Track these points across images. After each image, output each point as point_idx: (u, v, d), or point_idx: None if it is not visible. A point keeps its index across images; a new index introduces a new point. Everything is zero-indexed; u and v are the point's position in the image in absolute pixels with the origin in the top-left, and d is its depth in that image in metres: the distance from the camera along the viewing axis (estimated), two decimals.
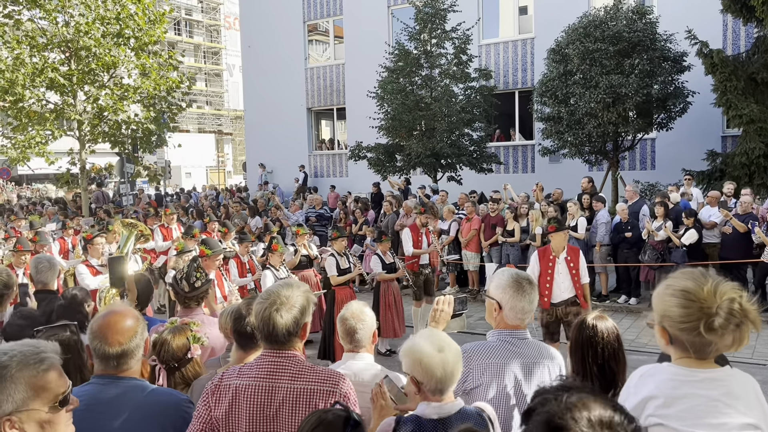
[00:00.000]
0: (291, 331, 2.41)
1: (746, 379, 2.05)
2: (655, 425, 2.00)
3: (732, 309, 1.88)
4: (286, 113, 23.29)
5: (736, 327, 1.89)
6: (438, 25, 15.96)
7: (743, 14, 12.52)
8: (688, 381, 2.00)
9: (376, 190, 16.81)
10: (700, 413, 1.96)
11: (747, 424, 1.95)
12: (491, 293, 2.84)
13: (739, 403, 1.96)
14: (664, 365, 2.10)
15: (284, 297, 2.43)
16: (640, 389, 2.09)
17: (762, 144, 11.57)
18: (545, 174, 17.03)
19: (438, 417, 2.36)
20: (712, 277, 1.96)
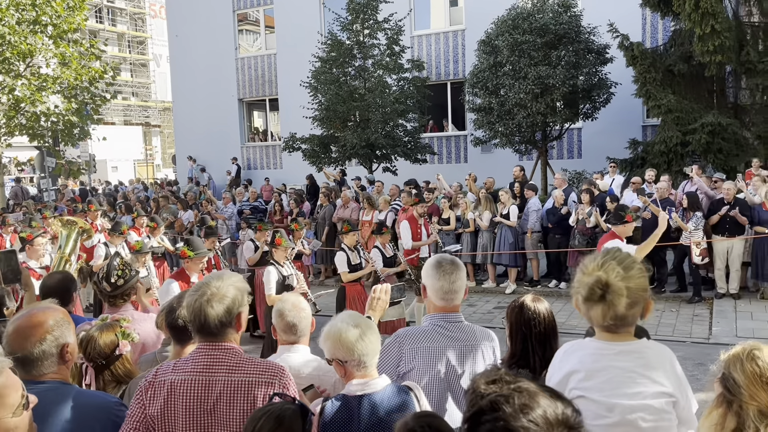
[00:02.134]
0: (223, 322, 2.37)
1: (662, 351, 2.17)
2: (578, 398, 2.09)
3: (590, 284, 2.03)
4: (217, 104, 22.75)
5: (600, 299, 2.01)
6: (370, 16, 15.95)
7: (661, 8, 13.14)
8: (606, 354, 2.12)
9: (311, 182, 16.69)
10: (618, 384, 2.07)
11: (661, 392, 2.07)
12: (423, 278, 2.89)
13: (654, 373, 2.08)
14: (585, 341, 2.21)
15: (215, 288, 2.39)
16: (564, 365, 2.19)
17: (679, 133, 12.18)
18: (478, 164, 17.36)
19: (363, 393, 2.39)
20: (614, 256, 2.08)
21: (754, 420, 1.89)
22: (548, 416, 1.22)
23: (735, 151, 12.03)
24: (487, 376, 1.32)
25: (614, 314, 2.04)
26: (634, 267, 2.08)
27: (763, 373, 1.91)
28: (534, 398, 1.25)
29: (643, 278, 2.08)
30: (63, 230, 5.95)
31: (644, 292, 2.08)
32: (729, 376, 1.97)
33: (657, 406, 2.06)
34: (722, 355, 2.05)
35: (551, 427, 1.21)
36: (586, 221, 10.13)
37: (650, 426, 2.06)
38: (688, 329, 8.44)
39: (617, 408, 2.06)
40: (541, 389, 1.29)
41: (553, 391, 1.30)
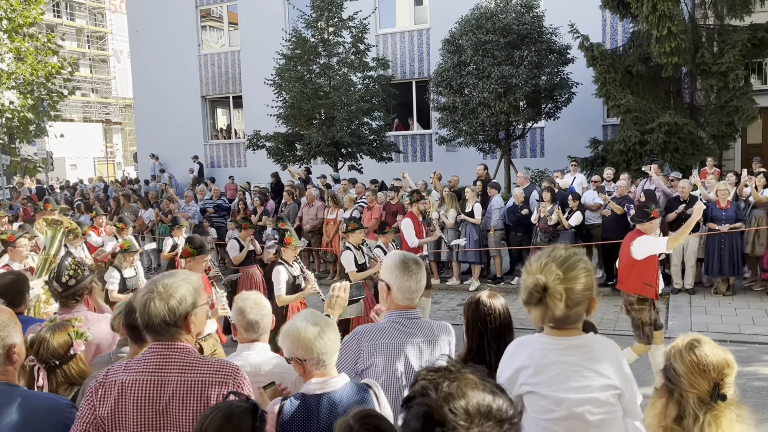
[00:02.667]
0: (167, 322, 2.33)
1: (608, 345, 2.23)
2: (527, 393, 2.14)
3: (529, 287, 2.08)
4: (179, 101, 22.39)
5: (538, 302, 2.06)
6: (335, 13, 15.91)
7: (620, 10, 13.40)
8: (554, 349, 2.16)
9: (276, 180, 16.57)
10: (565, 378, 2.12)
11: (607, 385, 2.13)
12: (381, 276, 2.89)
13: (601, 367, 2.14)
14: (535, 336, 2.25)
15: (162, 286, 2.35)
16: (514, 360, 2.23)
17: (638, 132, 12.45)
18: (443, 162, 17.46)
19: (322, 392, 2.39)
20: (555, 257, 2.11)
21: (694, 407, 1.96)
22: (469, 407, 1.23)
23: (691, 151, 12.34)
24: (436, 365, 1.34)
25: (552, 316, 2.08)
26: (577, 267, 2.10)
27: (700, 361, 1.97)
28: (463, 389, 1.26)
29: (586, 278, 2.11)
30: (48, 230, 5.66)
31: (588, 292, 2.11)
32: (670, 367, 2.03)
33: (603, 399, 2.11)
34: (664, 348, 2.12)
35: (470, 417, 1.22)
36: (548, 219, 10.29)
37: (597, 419, 2.11)
38: None
39: (565, 402, 2.11)
40: (479, 382, 1.29)
41: (491, 385, 1.30)
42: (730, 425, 1.94)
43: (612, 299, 9.95)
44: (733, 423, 1.95)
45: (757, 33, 12.47)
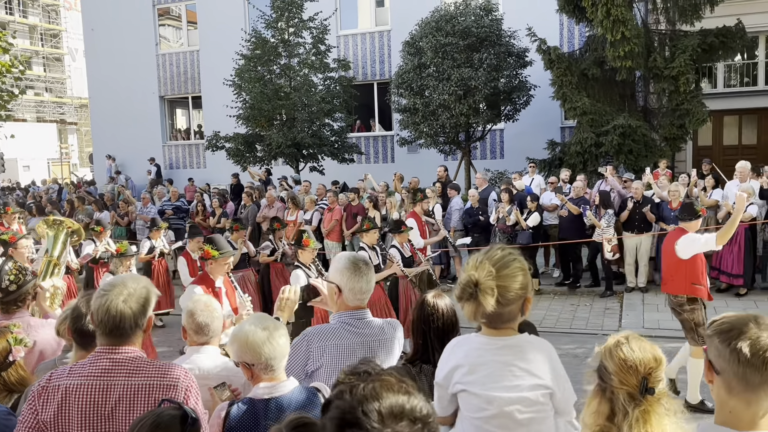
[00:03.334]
0: (138, 324, 2.36)
1: (542, 345, 2.27)
2: (461, 391, 2.18)
3: (462, 283, 2.12)
4: (137, 102, 21.95)
5: (470, 297, 2.10)
6: (295, 14, 15.82)
7: (576, 15, 13.65)
8: (489, 349, 2.20)
9: (236, 181, 16.39)
10: (497, 377, 2.16)
11: (538, 384, 2.17)
12: (330, 278, 2.89)
13: (533, 366, 2.18)
14: (471, 335, 2.28)
15: (132, 288, 2.36)
16: (451, 359, 2.26)
17: (593, 134, 12.69)
18: (404, 163, 17.53)
19: (270, 397, 2.38)
20: (490, 256, 2.16)
21: (624, 403, 2.01)
22: (383, 408, 1.24)
23: (644, 152, 12.64)
24: (354, 367, 1.34)
25: (483, 312, 2.11)
26: (511, 266, 2.14)
27: (627, 358, 2.03)
28: (377, 391, 1.27)
29: (520, 277, 2.15)
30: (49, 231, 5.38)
31: (521, 291, 2.15)
32: (602, 366, 2.08)
33: (532, 398, 2.15)
34: (596, 348, 2.17)
35: (383, 419, 1.23)
36: (506, 219, 10.41)
37: (526, 417, 2.15)
38: (600, 322, 8.83)
39: (496, 401, 2.14)
40: (395, 383, 1.30)
41: (407, 387, 1.31)
42: (658, 419, 2.00)
43: (569, 298, 10.14)
44: (661, 417, 2.00)
45: (707, 38, 12.86)
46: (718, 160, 15.86)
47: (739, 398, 1.67)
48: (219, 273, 5.17)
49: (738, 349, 1.65)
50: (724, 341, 1.69)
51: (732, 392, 1.68)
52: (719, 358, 1.70)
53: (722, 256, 9.36)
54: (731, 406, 1.69)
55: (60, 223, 5.52)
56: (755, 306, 8.87)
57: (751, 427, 1.68)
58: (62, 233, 5.32)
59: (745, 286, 9.28)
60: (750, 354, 1.63)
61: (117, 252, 6.75)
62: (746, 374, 1.64)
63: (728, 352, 1.67)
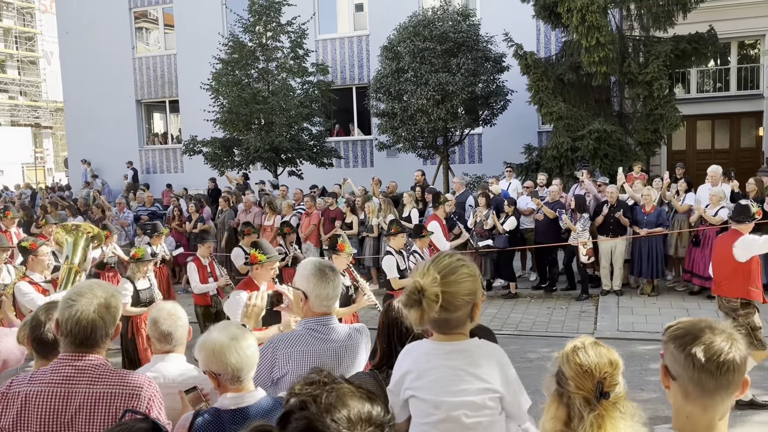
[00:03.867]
0: (108, 333, 2.36)
1: (492, 349, 2.27)
2: (411, 397, 2.19)
3: (408, 290, 2.13)
4: (113, 105, 21.71)
5: (415, 304, 2.11)
6: (273, 18, 15.78)
7: (552, 20, 13.79)
8: (438, 354, 2.20)
9: (213, 186, 16.26)
10: (445, 382, 2.16)
11: (485, 389, 2.17)
12: (296, 284, 2.87)
13: (481, 371, 2.18)
14: (423, 341, 2.28)
15: (101, 297, 2.34)
16: (402, 365, 2.26)
17: (569, 138, 12.82)
18: (383, 168, 17.54)
19: (236, 407, 2.35)
20: (437, 262, 2.17)
21: (581, 408, 2.01)
22: (351, 416, 1.26)
23: (619, 157, 12.79)
24: (308, 378, 1.34)
25: (428, 318, 2.11)
26: (457, 272, 2.15)
27: (583, 363, 2.03)
28: (342, 399, 1.28)
29: (467, 283, 2.15)
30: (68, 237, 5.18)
31: (468, 296, 2.16)
32: (559, 371, 2.09)
33: (479, 402, 2.15)
34: (555, 354, 2.17)
35: (353, 425, 1.25)
36: (484, 223, 10.46)
37: (473, 422, 2.15)
38: (575, 325, 8.89)
39: (443, 405, 2.15)
40: (355, 390, 1.32)
41: (366, 393, 1.34)
42: (614, 423, 2.00)
43: (545, 301, 10.21)
44: (617, 421, 2.01)
45: (679, 44, 13.06)
46: (692, 164, 16.14)
47: (696, 403, 1.68)
48: (264, 278, 4.89)
49: (693, 355, 1.66)
50: (679, 347, 1.70)
51: (688, 398, 1.69)
52: (675, 363, 1.71)
53: (694, 258, 9.49)
54: (688, 412, 1.70)
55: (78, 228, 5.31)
56: None
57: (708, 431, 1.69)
58: (81, 239, 5.11)
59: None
60: (704, 359, 1.65)
61: (134, 257, 6.48)
62: (701, 379, 1.66)
63: (683, 357, 1.68)
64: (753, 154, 16.68)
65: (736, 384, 1.66)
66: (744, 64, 17.16)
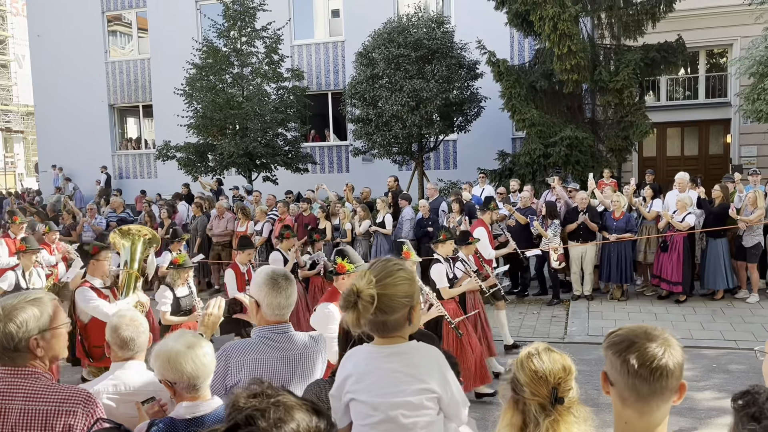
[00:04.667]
0: (6, 346, 2.24)
1: (429, 351, 2.30)
2: (351, 400, 2.22)
3: (345, 293, 2.17)
4: (85, 110, 21.43)
5: (352, 306, 2.14)
6: (248, 23, 15.73)
7: (524, 28, 13.94)
8: (377, 357, 2.24)
9: (187, 191, 16.12)
10: (384, 384, 2.19)
11: (423, 389, 2.21)
12: (251, 292, 2.87)
13: (418, 372, 2.21)
14: (363, 346, 2.30)
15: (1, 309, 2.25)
16: (343, 369, 2.29)
17: (542, 145, 12.96)
18: (359, 174, 17.55)
19: (192, 416, 2.33)
20: (375, 267, 2.22)
21: (536, 414, 2.04)
22: (300, 429, 1.26)
23: (591, 163, 12.96)
24: (250, 390, 1.33)
25: (365, 321, 2.15)
26: (394, 275, 2.19)
27: (538, 370, 2.07)
28: (289, 412, 1.28)
29: (403, 285, 2.19)
30: (125, 242, 4.95)
31: (405, 299, 2.19)
32: (514, 378, 2.11)
33: (416, 402, 2.18)
34: (509, 361, 2.20)
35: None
36: (457, 229, 10.49)
37: (410, 421, 2.18)
38: (546, 330, 8.96)
39: (381, 407, 2.18)
40: (300, 403, 1.32)
41: (311, 405, 1.34)
42: (568, 428, 2.03)
43: (517, 306, 10.27)
44: (570, 426, 2.04)
45: (649, 53, 13.30)
46: (662, 170, 16.43)
47: (632, 408, 1.72)
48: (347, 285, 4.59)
49: (627, 361, 1.70)
50: (616, 353, 1.74)
51: (625, 403, 1.72)
52: (612, 369, 1.75)
53: (662, 264, 9.64)
54: (626, 417, 1.74)
55: (133, 231, 5.11)
56: (693, 312, 9.16)
57: None
58: (138, 242, 4.92)
59: (684, 293, 9.57)
60: (638, 365, 1.69)
61: (175, 263, 6.21)
62: (636, 385, 1.69)
63: (619, 363, 1.72)
64: (721, 161, 17.04)
65: (671, 389, 1.70)
66: (712, 73, 17.54)
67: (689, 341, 7.82)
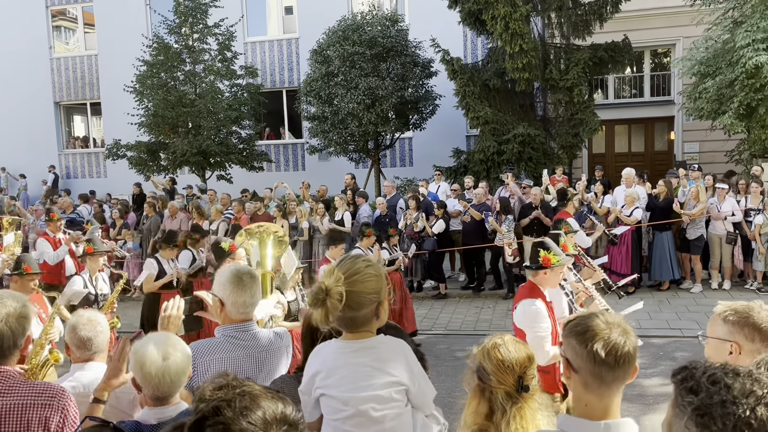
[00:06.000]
0: (17, 344, 2.33)
1: (397, 345, 2.36)
2: (321, 396, 2.26)
3: (314, 290, 2.22)
4: (29, 108, 20.69)
5: (321, 303, 2.18)
6: (199, 20, 15.49)
7: (477, 27, 14.15)
8: (345, 352, 2.29)
9: (139, 191, 15.78)
10: (353, 379, 2.24)
11: (391, 382, 2.26)
12: (214, 290, 2.86)
13: (387, 365, 2.27)
14: (331, 342, 2.34)
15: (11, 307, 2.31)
16: (311, 366, 2.33)
17: (495, 143, 13.19)
18: (315, 172, 17.48)
19: (158, 421, 2.31)
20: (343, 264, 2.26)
21: (503, 402, 2.13)
22: (267, 416, 1.29)
23: (543, 160, 13.27)
24: (215, 382, 1.35)
25: (334, 317, 2.18)
26: (362, 272, 2.22)
27: (505, 358, 2.16)
28: (255, 401, 1.31)
29: (371, 282, 2.23)
30: (253, 242, 4.61)
31: (371, 295, 2.23)
32: (480, 367, 2.20)
33: (385, 396, 2.24)
34: (474, 350, 2.28)
35: (269, 425, 1.28)
36: (414, 226, 10.62)
37: (380, 414, 2.24)
38: (502, 323, 9.13)
39: (351, 401, 2.23)
40: (265, 392, 1.35)
41: (276, 394, 1.37)
42: (532, 414, 2.14)
43: (473, 301, 10.46)
44: (535, 411, 2.15)
45: (597, 52, 13.68)
46: (611, 166, 16.92)
47: (595, 394, 1.81)
48: (550, 283, 4.17)
49: (594, 351, 1.78)
50: (580, 343, 1.82)
51: (588, 388, 1.82)
52: (577, 357, 1.83)
53: (612, 256, 9.96)
54: (587, 400, 1.83)
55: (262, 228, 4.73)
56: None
57: (604, 416, 1.82)
58: (268, 239, 4.56)
59: (633, 284, 9.91)
60: (605, 354, 1.78)
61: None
62: (601, 372, 1.79)
63: (585, 353, 1.80)
64: (666, 157, 17.67)
65: (630, 373, 1.81)
66: (657, 72, 18.16)
67: (638, 330, 7.98)
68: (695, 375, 1.27)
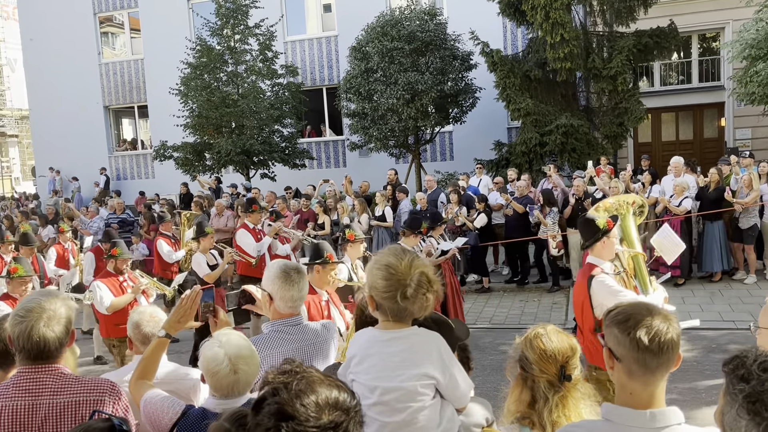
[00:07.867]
0: (62, 344, 2.35)
1: (430, 337, 2.36)
2: (352, 381, 2.31)
3: (421, 280, 2.23)
4: (80, 112, 21.40)
5: (423, 295, 2.23)
6: (240, 21, 15.76)
7: (517, 18, 13.99)
8: (380, 340, 2.32)
9: (186, 191, 16.18)
10: (382, 368, 2.28)
11: (419, 374, 2.28)
12: (264, 285, 2.93)
13: (417, 357, 2.29)
14: (368, 329, 2.38)
15: (51, 310, 2.33)
16: (350, 350, 2.39)
17: (537, 134, 13.03)
18: (356, 168, 17.60)
19: (223, 410, 2.38)
20: (410, 254, 2.31)
21: (545, 390, 2.14)
22: (319, 401, 1.37)
23: (587, 150, 13.03)
24: (280, 368, 1.43)
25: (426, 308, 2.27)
26: None
27: (546, 348, 2.16)
28: (311, 385, 1.40)
29: None
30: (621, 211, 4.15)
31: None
32: (523, 356, 2.21)
33: (410, 388, 2.25)
34: (516, 339, 2.28)
35: (321, 409, 1.37)
36: (455, 220, 10.59)
37: (402, 406, 2.26)
38: (547, 317, 9.06)
39: (377, 390, 2.27)
40: (324, 378, 1.44)
41: (334, 381, 1.46)
42: (575, 403, 2.14)
43: (518, 294, 10.38)
44: (578, 401, 2.15)
45: (641, 39, 13.35)
46: (658, 156, 16.51)
47: (639, 381, 1.81)
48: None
49: (637, 338, 1.78)
50: (623, 331, 1.82)
51: (632, 376, 1.81)
52: (619, 346, 1.83)
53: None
54: (631, 388, 1.82)
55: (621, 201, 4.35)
56: (692, 294, 9.26)
57: (649, 405, 1.81)
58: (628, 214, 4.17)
59: (683, 276, 9.67)
60: (648, 341, 1.77)
61: None
62: (645, 360, 1.78)
63: (628, 341, 1.80)
64: (716, 144, 17.12)
65: (674, 360, 1.80)
66: (705, 57, 17.60)
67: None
68: (746, 363, 1.26)
